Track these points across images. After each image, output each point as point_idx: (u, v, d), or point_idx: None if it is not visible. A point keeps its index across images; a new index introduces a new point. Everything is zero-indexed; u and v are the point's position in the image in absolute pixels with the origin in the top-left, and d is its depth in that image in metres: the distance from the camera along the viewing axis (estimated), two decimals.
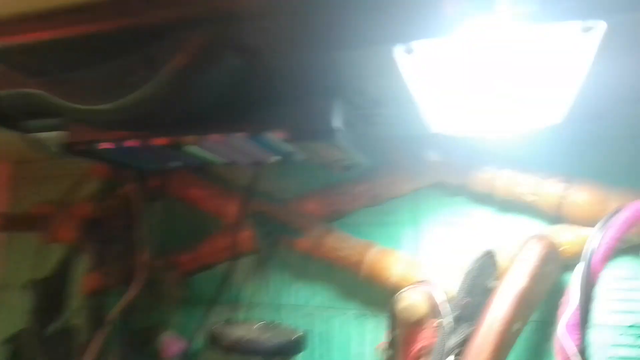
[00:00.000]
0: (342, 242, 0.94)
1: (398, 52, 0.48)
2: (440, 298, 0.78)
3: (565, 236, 0.81)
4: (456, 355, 0.72)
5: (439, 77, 0.55)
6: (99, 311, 1.03)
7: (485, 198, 0.90)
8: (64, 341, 1.02)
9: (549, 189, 0.82)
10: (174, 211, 1.14)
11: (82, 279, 1.00)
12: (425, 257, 0.93)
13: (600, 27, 0.43)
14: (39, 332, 1.01)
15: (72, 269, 1.08)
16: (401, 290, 0.78)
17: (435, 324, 0.75)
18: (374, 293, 0.97)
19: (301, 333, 0.91)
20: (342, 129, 0.57)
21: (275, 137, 0.60)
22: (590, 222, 0.79)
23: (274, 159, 0.74)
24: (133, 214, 1.04)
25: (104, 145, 0.66)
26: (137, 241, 1.04)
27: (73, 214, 1.17)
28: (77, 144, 0.68)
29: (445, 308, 0.76)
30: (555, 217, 0.83)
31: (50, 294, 1.03)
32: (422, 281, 0.82)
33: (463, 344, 0.73)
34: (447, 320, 0.75)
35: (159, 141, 0.64)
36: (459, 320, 0.76)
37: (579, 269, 0.68)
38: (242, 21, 0.49)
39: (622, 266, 0.82)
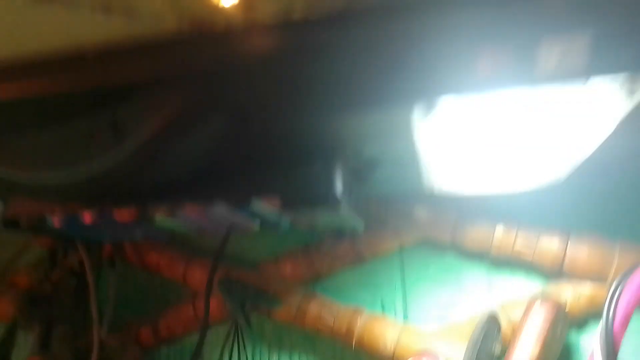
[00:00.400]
0: (326, 310, 0.85)
1: (418, 109, 0.42)
2: None
3: (566, 293, 0.76)
4: None
5: (455, 136, 0.49)
6: None
7: (477, 255, 0.84)
8: None
9: (547, 245, 0.77)
10: (130, 279, 1.01)
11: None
12: (416, 322, 0.86)
13: None
14: None
15: (10, 352, 0.93)
16: None
17: None
18: None
19: None
20: (342, 194, 0.49)
21: (265, 205, 0.52)
22: (591, 277, 0.75)
23: (256, 225, 0.65)
24: (83, 287, 0.91)
25: (54, 221, 0.56)
26: (88, 318, 0.91)
27: (13, 286, 1.02)
28: (19, 219, 0.57)
29: None
30: (554, 273, 0.78)
31: None
32: (422, 352, 0.74)
33: None
34: None
35: (123, 216, 0.54)
36: None
37: (599, 337, 0.62)
38: (229, 82, 0.41)
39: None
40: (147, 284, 1.01)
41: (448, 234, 0.82)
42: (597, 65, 0.35)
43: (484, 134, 0.49)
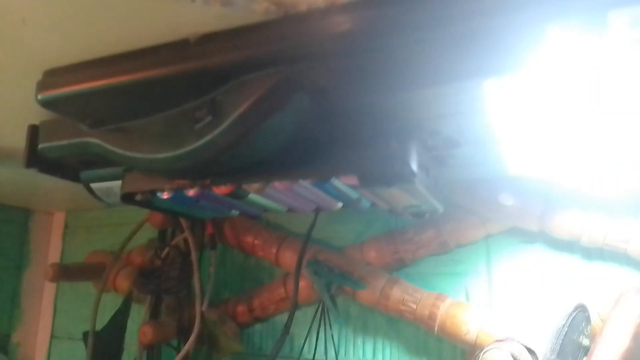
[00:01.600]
0: (409, 294, 0.87)
1: (489, 87, 0.43)
2: (528, 359, 0.69)
3: None
4: None
5: (528, 114, 0.49)
6: None
7: (567, 245, 0.81)
8: None
9: None
10: (228, 260, 1.11)
11: (138, 330, 0.96)
12: (500, 311, 0.85)
13: None
14: None
15: (127, 320, 1.05)
16: (484, 350, 0.70)
17: None
18: (444, 350, 0.89)
19: None
20: (419, 173, 0.52)
21: (344, 183, 0.55)
22: None
23: (339, 205, 0.70)
24: (187, 264, 1.01)
25: (163, 195, 0.64)
26: (192, 293, 1.01)
27: (129, 263, 1.16)
28: (135, 193, 0.66)
29: None
30: None
31: (105, 346, 1.00)
32: (504, 339, 0.74)
33: None
34: None
35: (221, 190, 0.61)
36: None
37: None
38: (312, 61, 0.46)
39: None
40: (243, 265, 1.10)
41: (535, 222, 0.80)
42: None
43: (560, 112, 0.49)
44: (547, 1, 0.37)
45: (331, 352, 0.96)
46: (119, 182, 0.71)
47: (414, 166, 0.51)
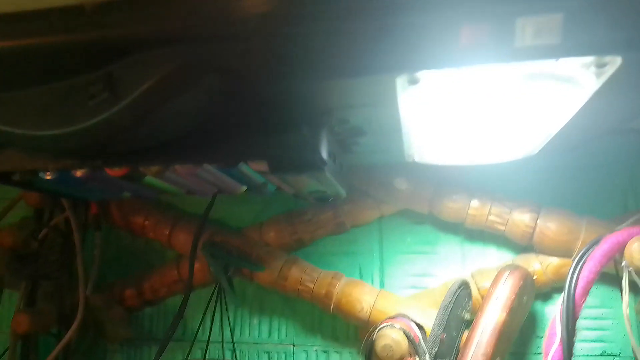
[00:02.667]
0: (307, 274, 0.88)
1: (401, 82, 0.44)
2: (418, 334, 0.74)
3: (535, 265, 0.81)
4: None
5: (436, 108, 0.51)
6: (31, 356, 0.90)
7: (452, 227, 0.88)
8: None
9: (519, 219, 0.81)
10: (115, 241, 1.04)
11: (11, 320, 0.87)
12: (393, 288, 0.90)
13: (615, 63, 0.41)
14: None
15: None
16: (378, 327, 0.74)
17: None
18: (338, 327, 0.92)
19: None
20: (328, 161, 0.52)
21: (253, 168, 0.54)
22: (559, 251, 0.79)
23: (242, 189, 0.68)
24: (68, 246, 0.93)
25: (47, 175, 0.57)
26: (74, 277, 0.93)
27: (1, 244, 1.04)
28: (12, 172, 0.59)
29: (423, 345, 0.73)
30: (524, 245, 0.82)
31: None
32: (395, 316, 0.78)
33: None
34: (426, 358, 0.71)
35: (115, 172, 0.56)
36: (436, 357, 0.73)
37: (560, 303, 0.66)
38: (226, 41, 0.43)
39: (592, 294, 0.82)
40: (132, 246, 1.04)
41: (426, 205, 0.85)
42: (567, 45, 0.38)
43: (462, 106, 0.52)
44: (461, 3, 0.38)
45: (227, 334, 0.95)
46: None
47: (325, 154, 0.51)
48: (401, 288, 0.90)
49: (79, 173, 0.56)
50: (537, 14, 0.37)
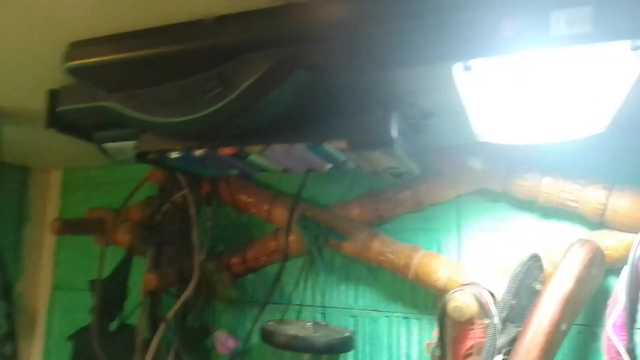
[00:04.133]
0: (387, 246, 0.98)
1: (456, 69, 0.53)
2: (488, 299, 0.81)
3: (607, 241, 0.84)
4: (504, 354, 0.75)
5: (493, 91, 0.59)
6: (156, 310, 1.09)
7: (527, 204, 0.93)
8: (124, 339, 1.08)
9: (591, 196, 0.84)
10: (223, 216, 1.20)
11: (141, 279, 1.06)
12: (467, 262, 0.97)
13: None
14: (101, 330, 1.07)
15: (129, 270, 1.15)
16: (451, 291, 0.81)
17: (483, 324, 0.78)
18: (417, 296, 1.01)
19: (350, 332, 0.95)
20: (398, 139, 0.61)
21: (334, 146, 0.65)
22: (631, 228, 0.82)
23: (328, 166, 0.79)
24: (187, 219, 1.10)
25: (175, 154, 0.72)
26: (191, 244, 1.10)
27: (129, 218, 1.24)
28: (148, 152, 0.74)
29: (493, 309, 0.79)
30: (597, 223, 0.85)
31: (110, 293, 1.10)
32: (469, 283, 0.86)
33: (511, 343, 0.76)
34: (495, 320, 0.78)
35: (227, 151, 0.69)
36: (506, 321, 0.79)
37: (625, 272, 0.70)
38: (310, 43, 0.54)
39: None
40: (237, 221, 1.19)
41: (500, 184, 0.91)
42: (598, 33, 0.44)
43: (519, 89, 0.59)
44: (503, 2, 0.46)
45: (317, 299, 1.07)
46: (129, 143, 0.79)
47: (394, 132, 0.60)
48: (479, 262, 0.96)
49: (198, 152, 0.71)
50: (568, 7, 0.44)
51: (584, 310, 0.84)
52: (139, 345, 1.07)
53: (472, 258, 0.97)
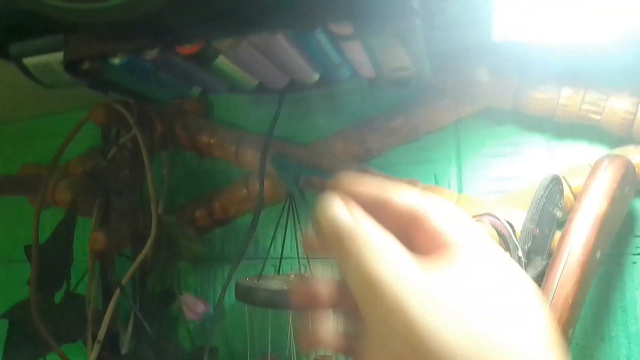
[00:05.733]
0: None
1: None
2: (507, 230, 0.69)
3: (636, 157, 0.73)
4: None
5: None
6: (108, 275, 0.92)
7: (537, 124, 0.81)
8: (72, 310, 0.91)
9: (616, 105, 0.73)
10: (180, 163, 1.03)
11: (87, 240, 0.88)
12: (472, 194, 0.85)
13: None
14: (43, 302, 0.89)
15: (72, 231, 0.96)
16: None
17: None
18: None
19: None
20: (419, 11, 0.46)
21: (335, 32, 0.49)
22: None
23: (315, 77, 0.64)
24: (138, 166, 0.92)
25: (117, 60, 0.55)
26: (145, 196, 0.93)
27: (68, 175, 1.05)
28: (81, 61, 0.56)
29: (514, 240, 0.68)
30: (623, 137, 0.75)
31: (51, 259, 0.91)
32: (483, 214, 0.73)
33: (540, 277, 0.65)
34: (519, 253, 0.66)
35: (187, 49, 0.53)
36: (530, 253, 0.68)
37: None
38: None
39: None
40: (197, 168, 1.03)
41: (510, 100, 0.78)
42: None
43: None
44: None
45: (299, 249, 0.93)
46: (58, 55, 0.61)
47: (416, 2, 0.45)
48: (483, 194, 0.84)
49: (150, 55, 0.53)
50: None
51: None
52: (90, 317, 0.90)
53: (476, 189, 0.85)
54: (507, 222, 0.71)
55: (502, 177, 0.84)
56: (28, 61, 0.63)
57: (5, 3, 0.54)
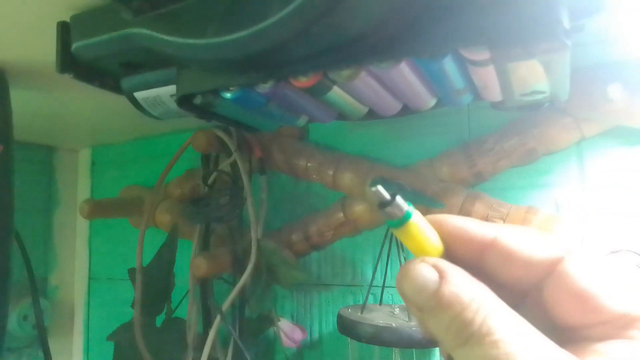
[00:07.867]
0: (495, 210, 0.77)
1: None
2: None
3: None
4: None
5: None
6: (208, 299, 0.92)
7: None
8: (173, 334, 0.92)
9: None
10: (277, 186, 1.01)
11: (187, 264, 0.88)
12: (597, 224, 0.76)
13: None
14: (145, 326, 0.91)
15: (174, 254, 0.97)
16: None
17: None
18: None
19: None
20: (569, 32, 0.40)
21: (469, 57, 0.44)
22: None
23: (431, 104, 0.59)
24: (238, 190, 0.91)
25: (230, 93, 0.53)
26: (243, 221, 0.93)
27: (166, 197, 1.07)
28: (193, 95, 0.55)
29: None
30: None
31: (154, 282, 0.93)
32: (617, 250, 0.65)
33: None
34: None
35: (303, 82, 0.50)
36: None
37: None
38: None
39: None
40: (294, 191, 1.01)
41: None
42: None
43: None
44: None
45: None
46: (167, 88, 0.60)
47: (565, 21, 0.39)
48: (610, 224, 0.75)
49: (263, 88, 0.51)
50: None
51: None
52: (191, 342, 0.90)
53: (602, 219, 0.76)
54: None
55: (633, 203, 0.74)
56: (139, 95, 0.63)
57: (121, 41, 0.54)
